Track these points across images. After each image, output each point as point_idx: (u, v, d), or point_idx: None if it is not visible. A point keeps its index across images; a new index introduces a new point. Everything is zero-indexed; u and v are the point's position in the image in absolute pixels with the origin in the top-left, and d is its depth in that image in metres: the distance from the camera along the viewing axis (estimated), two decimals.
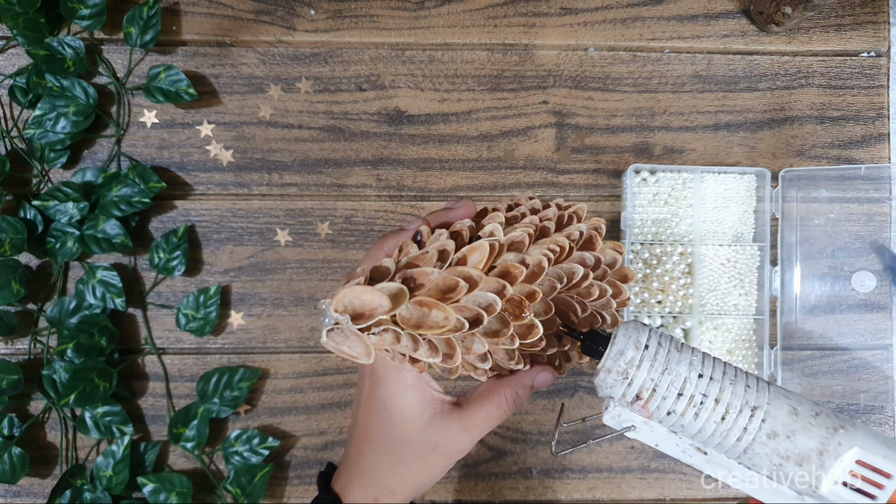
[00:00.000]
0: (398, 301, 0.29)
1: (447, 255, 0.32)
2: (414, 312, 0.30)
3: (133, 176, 0.57)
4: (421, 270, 0.31)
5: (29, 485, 0.58)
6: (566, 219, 0.37)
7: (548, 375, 0.36)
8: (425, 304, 0.30)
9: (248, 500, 0.56)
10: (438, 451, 0.35)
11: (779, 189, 0.59)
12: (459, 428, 0.35)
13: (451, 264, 0.32)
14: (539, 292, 0.32)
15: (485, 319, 0.30)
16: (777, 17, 0.58)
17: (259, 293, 0.60)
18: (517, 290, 0.32)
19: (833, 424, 0.29)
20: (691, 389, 0.31)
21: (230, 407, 0.58)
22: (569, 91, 0.61)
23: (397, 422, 0.35)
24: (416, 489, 0.36)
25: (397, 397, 0.34)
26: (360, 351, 0.30)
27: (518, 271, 0.32)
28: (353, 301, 0.29)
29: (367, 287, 0.29)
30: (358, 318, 0.29)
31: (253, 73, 0.60)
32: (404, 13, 0.60)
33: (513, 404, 0.36)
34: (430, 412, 0.35)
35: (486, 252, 0.31)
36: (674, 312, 0.59)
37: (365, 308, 0.29)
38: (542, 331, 0.33)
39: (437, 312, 0.30)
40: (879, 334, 0.61)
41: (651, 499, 0.61)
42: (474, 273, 0.31)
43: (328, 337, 0.29)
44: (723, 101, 0.61)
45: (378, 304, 0.29)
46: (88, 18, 0.57)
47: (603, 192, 0.61)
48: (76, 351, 0.55)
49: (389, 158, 0.60)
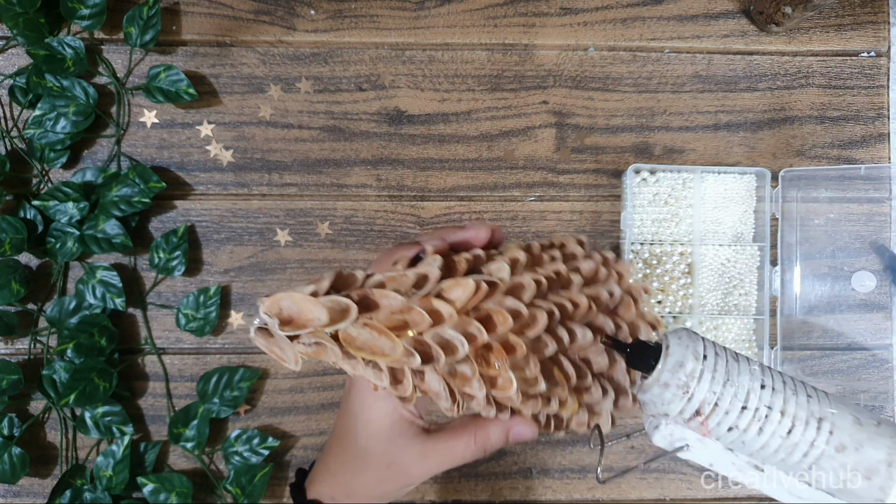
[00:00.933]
0: (341, 318, 0.27)
1: (426, 282, 0.29)
2: (360, 333, 0.28)
3: (133, 176, 0.57)
4: (383, 292, 0.28)
5: (29, 485, 0.58)
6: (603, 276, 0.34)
7: (527, 430, 0.34)
8: (373, 327, 0.28)
9: (248, 500, 0.56)
10: (393, 468, 0.34)
11: (779, 189, 0.59)
12: (419, 453, 0.34)
13: (429, 294, 0.29)
14: (522, 347, 0.29)
15: (441, 359, 0.28)
16: (777, 17, 0.58)
17: (259, 293, 0.60)
18: (496, 338, 0.29)
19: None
20: (755, 402, 0.28)
21: (230, 407, 0.58)
22: (569, 91, 0.61)
23: (361, 429, 0.35)
24: (370, 498, 0.36)
25: (366, 405, 0.34)
26: (289, 356, 0.28)
27: (502, 319, 0.29)
28: (290, 307, 0.27)
29: (308, 297, 0.27)
30: (286, 325, 0.27)
31: (253, 73, 0.60)
32: (404, 13, 0.60)
33: (480, 447, 0.34)
34: (395, 429, 0.34)
35: (470, 290, 0.28)
36: (674, 312, 0.59)
37: (299, 316, 0.27)
38: (516, 386, 0.30)
39: (383, 339, 0.28)
40: (879, 334, 0.61)
41: (651, 499, 0.61)
42: (444, 309, 0.28)
43: (256, 334, 0.28)
44: (723, 101, 0.61)
45: (315, 317, 0.27)
46: (88, 18, 0.57)
47: (603, 192, 0.61)
48: (76, 351, 0.55)
49: (389, 158, 0.60)
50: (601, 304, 0.33)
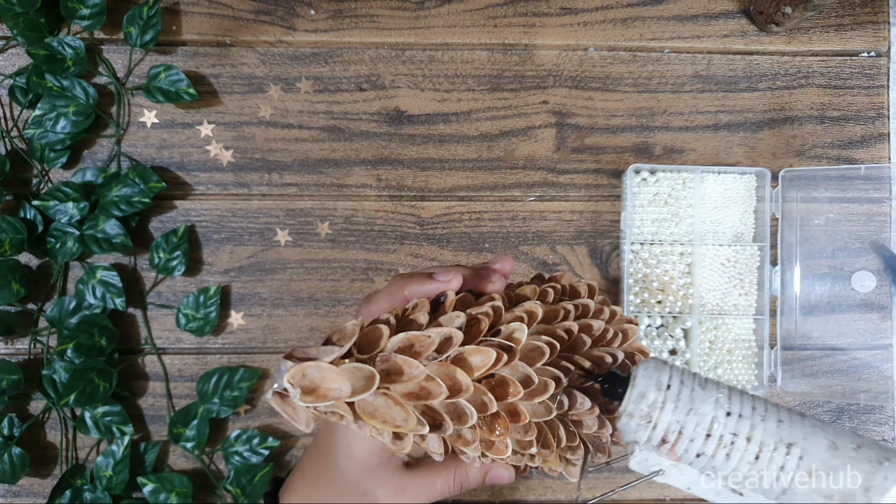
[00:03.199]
0: (363, 389, 0.27)
1: (449, 345, 0.29)
2: (376, 401, 0.28)
3: (133, 176, 0.57)
4: (406, 360, 0.28)
5: (29, 485, 0.58)
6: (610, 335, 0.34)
7: (505, 474, 0.35)
8: (391, 398, 0.28)
9: (248, 500, 0.56)
10: (366, 498, 0.34)
11: (779, 189, 0.59)
12: (396, 487, 0.34)
13: (448, 358, 0.29)
14: (525, 414, 0.29)
15: (450, 428, 0.28)
16: (777, 17, 0.58)
17: (259, 293, 0.60)
18: (503, 406, 0.29)
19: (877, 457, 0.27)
20: (720, 429, 0.29)
21: (230, 407, 0.58)
22: (569, 91, 0.61)
23: (341, 452, 0.34)
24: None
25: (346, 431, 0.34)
26: (301, 419, 0.28)
27: (515, 390, 0.29)
28: (314, 375, 0.27)
29: (333, 368, 0.27)
30: (308, 394, 0.27)
31: (253, 73, 0.60)
32: (404, 13, 0.60)
33: (458, 485, 0.35)
34: (374, 458, 0.34)
35: (491, 360, 0.28)
36: (674, 312, 0.59)
37: (322, 386, 0.27)
38: (510, 450, 0.30)
39: (398, 409, 0.28)
40: (879, 334, 0.61)
41: (651, 499, 0.61)
42: (463, 380, 0.28)
43: (273, 397, 0.28)
44: (723, 101, 0.61)
45: (337, 387, 0.27)
46: (88, 18, 0.56)
47: (603, 192, 0.61)
48: (76, 351, 0.55)
49: (389, 158, 0.60)
50: (603, 367, 0.33)
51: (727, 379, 0.58)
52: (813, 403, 0.61)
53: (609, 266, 0.61)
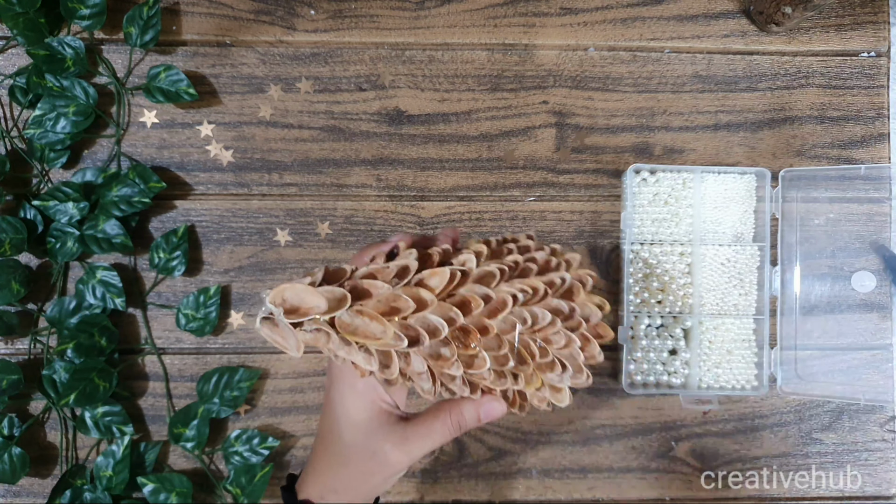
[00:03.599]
0: (338, 306, 0.30)
1: (407, 272, 0.32)
2: (354, 320, 0.31)
3: (133, 176, 0.57)
4: (372, 283, 0.32)
5: (29, 485, 0.59)
6: (554, 264, 0.38)
7: (497, 406, 0.37)
8: (365, 314, 0.31)
9: (248, 500, 0.56)
10: (376, 458, 0.36)
11: (779, 189, 0.59)
12: (400, 438, 0.36)
13: (409, 283, 0.32)
14: (493, 328, 0.33)
15: (426, 341, 0.31)
16: (777, 17, 0.58)
17: (259, 293, 0.60)
18: (471, 321, 0.33)
19: None
20: None
21: (230, 407, 0.58)
22: (569, 91, 0.61)
23: (343, 424, 0.37)
24: (357, 495, 0.37)
25: (346, 401, 0.36)
26: (291, 344, 0.31)
27: (476, 304, 0.32)
28: (292, 298, 0.30)
29: (310, 287, 0.30)
30: (291, 313, 0.30)
31: (253, 73, 0.60)
32: (404, 13, 0.60)
33: (456, 426, 0.37)
34: (375, 420, 0.36)
35: (446, 278, 0.32)
36: (674, 312, 0.59)
37: (301, 305, 0.30)
38: (489, 364, 0.33)
39: (375, 325, 0.31)
40: (879, 334, 0.61)
41: (651, 498, 0.61)
42: (426, 296, 0.31)
43: (261, 324, 0.31)
44: (723, 101, 0.61)
45: (315, 305, 0.30)
46: (88, 18, 0.57)
47: (603, 192, 0.61)
48: (76, 351, 0.55)
49: (389, 158, 0.60)
50: (555, 289, 0.37)
51: (727, 379, 0.58)
52: (813, 403, 0.61)
53: (609, 266, 0.61)
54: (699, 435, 0.61)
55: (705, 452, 0.61)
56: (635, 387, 0.58)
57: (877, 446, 0.61)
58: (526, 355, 0.35)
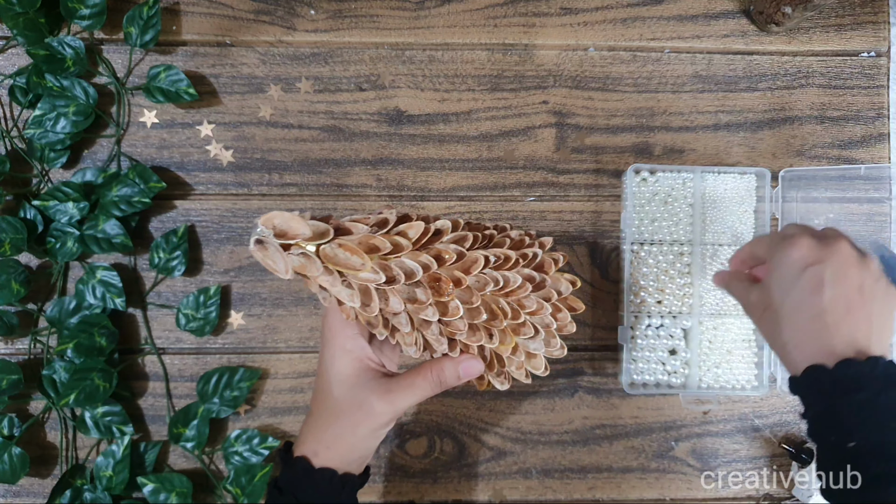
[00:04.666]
0: (321, 237, 0.35)
1: (386, 224, 0.37)
2: (336, 252, 0.35)
3: (133, 176, 0.57)
4: (353, 224, 0.37)
5: (29, 485, 0.59)
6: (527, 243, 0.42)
7: (475, 364, 0.40)
8: (346, 247, 0.35)
9: (248, 500, 0.56)
10: (363, 409, 0.39)
11: (779, 189, 0.59)
12: (384, 390, 0.39)
13: (389, 233, 0.36)
14: (465, 280, 0.37)
15: (401, 280, 0.35)
16: (777, 17, 0.58)
17: (259, 293, 0.60)
18: (444, 272, 0.37)
19: None
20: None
21: (230, 407, 0.58)
22: (569, 91, 0.61)
23: (333, 380, 0.40)
24: (348, 448, 0.40)
25: (335, 358, 0.40)
26: (280, 266, 0.35)
27: (449, 256, 0.37)
28: (281, 224, 0.34)
29: (297, 216, 0.35)
30: (280, 237, 0.34)
31: (253, 73, 0.60)
32: (404, 13, 0.60)
33: (437, 380, 0.40)
34: (362, 375, 0.40)
35: (421, 230, 0.36)
36: (673, 312, 0.59)
37: (288, 231, 0.34)
38: (462, 312, 0.37)
39: (355, 258, 0.35)
40: None
41: (651, 498, 0.61)
42: (402, 241, 0.36)
43: (255, 246, 0.34)
44: (723, 101, 0.61)
45: (301, 232, 0.34)
46: (88, 18, 0.56)
47: (603, 192, 0.61)
48: (76, 351, 0.55)
49: (389, 158, 0.60)
50: (527, 261, 0.41)
51: (727, 379, 0.58)
52: None
53: (609, 266, 0.61)
54: (699, 435, 0.61)
55: (705, 452, 0.61)
56: (635, 387, 0.58)
57: None
58: (498, 311, 0.38)
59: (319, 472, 0.40)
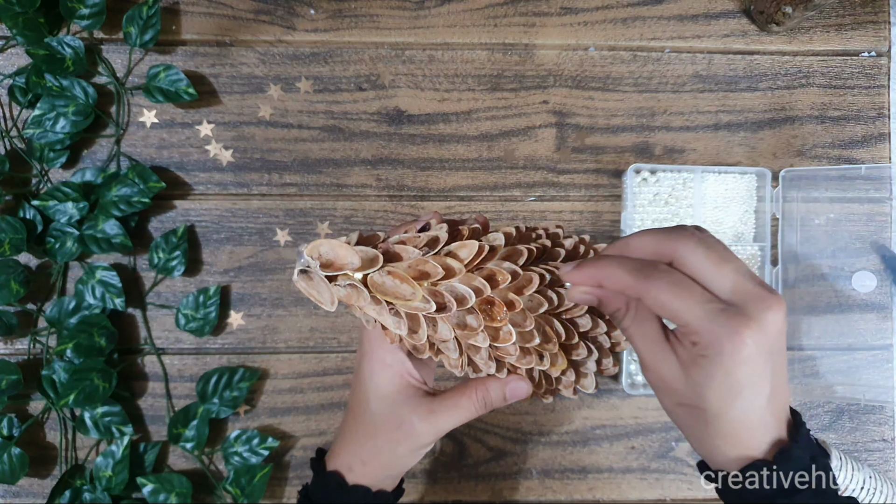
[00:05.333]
0: (370, 265, 0.32)
1: (437, 243, 0.34)
2: (384, 280, 0.33)
3: (132, 176, 0.56)
4: (403, 248, 0.33)
5: (28, 485, 0.58)
6: (582, 252, 0.38)
7: (522, 386, 0.37)
8: (397, 275, 0.32)
9: (247, 500, 0.56)
10: (403, 428, 0.37)
11: (779, 189, 0.59)
12: (426, 411, 0.37)
13: (439, 254, 0.33)
14: (519, 303, 0.33)
15: (453, 308, 0.32)
16: (777, 17, 0.58)
17: (259, 293, 0.60)
18: (498, 294, 0.33)
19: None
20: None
21: (230, 407, 0.58)
22: (569, 91, 0.61)
23: (373, 396, 0.38)
24: (384, 465, 0.39)
25: (374, 373, 0.37)
26: (325, 298, 0.32)
27: (503, 277, 0.33)
28: (328, 252, 0.32)
29: (345, 244, 0.32)
30: (327, 267, 0.32)
31: (253, 72, 0.60)
32: (404, 13, 0.60)
33: (482, 401, 0.37)
34: (403, 392, 0.37)
35: (474, 251, 0.33)
36: None
37: (336, 260, 0.32)
38: (515, 339, 0.34)
39: (405, 286, 0.32)
40: (879, 334, 0.61)
41: (651, 499, 0.61)
42: (454, 264, 0.33)
43: (299, 276, 0.32)
44: (723, 100, 0.61)
45: (349, 261, 0.32)
46: (88, 18, 0.56)
47: (603, 192, 0.61)
48: (75, 351, 0.55)
49: (389, 158, 0.60)
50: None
51: None
52: (813, 403, 0.61)
53: None
54: None
55: None
56: (636, 387, 0.58)
57: (877, 446, 0.61)
58: (551, 333, 0.35)
59: (353, 489, 0.38)
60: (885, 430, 0.61)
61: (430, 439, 0.38)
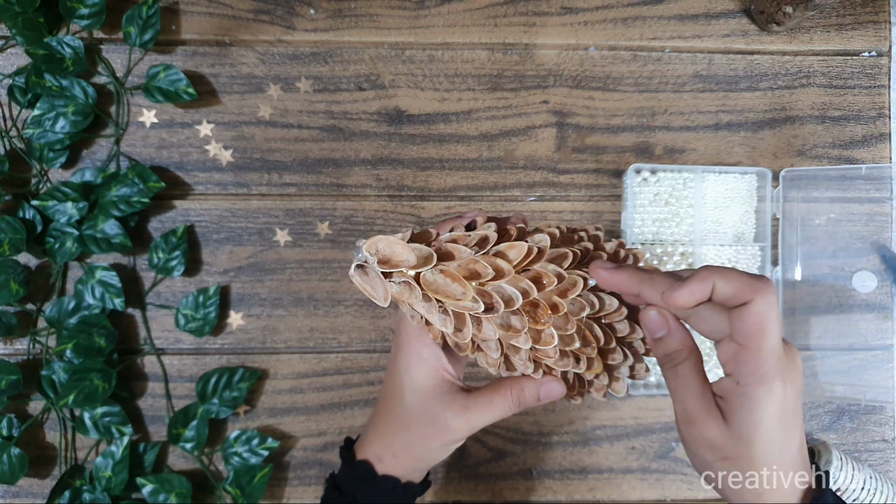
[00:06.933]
0: (424, 263, 0.33)
1: (486, 242, 0.34)
2: (437, 279, 0.33)
3: (132, 176, 0.56)
4: (455, 247, 0.34)
5: (28, 485, 0.58)
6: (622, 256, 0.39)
7: (556, 387, 0.37)
8: (448, 274, 0.33)
9: (247, 500, 0.56)
10: (437, 423, 0.37)
11: (780, 189, 0.59)
12: (461, 407, 0.37)
13: (489, 253, 0.34)
14: (563, 306, 0.34)
15: (500, 309, 0.33)
16: (778, 17, 0.58)
17: (258, 293, 0.60)
18: (543, 297, 0.34)
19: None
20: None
21: (229, 407, 0.57)
22: (569, 91, 0.61)
23: (407, 389, 0.38)
24: (415, 458, 0.39)
25: (411, 366, 0.38)
26: (379, 293, 0.33)
27: (549, 280, 0.34)
28: (385, 249, 0.33)
29: (402, 242, 0.33)
30: (384, 263, 0.33)
31: (252, 72, 0.60)
32: (404, 12, 0.60)
33: (516, 400, 0.37)
34: (438, 387, 0.38)
35: (523, 252, 0.33)
36: None
37: (392, 257, 0.33)
38: (557, 342, 0.34)
39: (456, 286, 0.33)
40: (879, 334, 0.61)
41: (651, 499, 0.61)
42: (504, 265, 0.33)
43: (355, 271, 0.33)
44: (724, 100, 0.61)
45: (405, 258, 0.33)
46: (87, 18, 0.56)
47: (603, 192, 0.61)
48: (75, 351, 0.55)
49: (389, 158, 0.60)
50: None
51: None
52: (813, 404, 0.61)
53: None
54: None
55: None
56: (636, 387, 0.58)
57: (877, 446, 0.61)
58: (591, 338, 0.36)
59: (382, 480, 0.39)
60: (885, 431, 0.61)
61: (463, 435, 0.38)
